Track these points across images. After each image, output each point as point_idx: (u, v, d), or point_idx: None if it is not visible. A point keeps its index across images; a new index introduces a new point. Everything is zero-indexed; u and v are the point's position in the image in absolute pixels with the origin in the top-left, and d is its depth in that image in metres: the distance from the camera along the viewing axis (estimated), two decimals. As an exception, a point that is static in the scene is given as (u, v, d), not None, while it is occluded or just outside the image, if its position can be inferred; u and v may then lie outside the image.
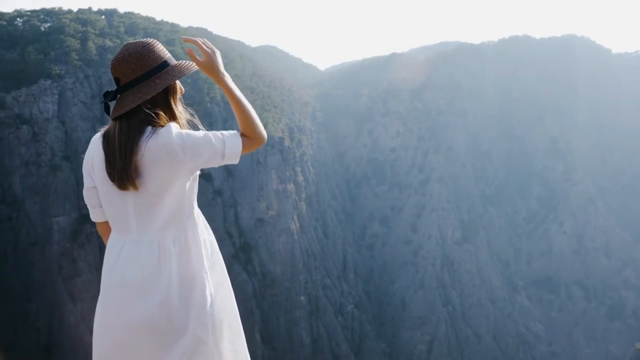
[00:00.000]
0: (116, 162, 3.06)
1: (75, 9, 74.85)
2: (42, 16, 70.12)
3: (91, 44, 64.66)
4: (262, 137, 3.31)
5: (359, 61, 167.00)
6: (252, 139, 3.28)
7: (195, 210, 3.30)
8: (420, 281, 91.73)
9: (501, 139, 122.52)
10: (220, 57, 3.32)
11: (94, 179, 3.29)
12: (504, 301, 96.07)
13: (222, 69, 3.31)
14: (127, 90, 3.13)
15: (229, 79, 3.30)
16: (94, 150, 3.25)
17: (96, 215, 3.49)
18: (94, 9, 79.15)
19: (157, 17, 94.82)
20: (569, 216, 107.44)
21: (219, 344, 3.24)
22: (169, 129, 3.08)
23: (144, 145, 3.04)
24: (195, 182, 3.28)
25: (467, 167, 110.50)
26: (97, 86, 60.28)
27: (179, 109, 3.32)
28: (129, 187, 3.06)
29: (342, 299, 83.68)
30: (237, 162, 3.27)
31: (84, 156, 3.40)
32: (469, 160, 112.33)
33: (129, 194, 3.09)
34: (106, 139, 3.17)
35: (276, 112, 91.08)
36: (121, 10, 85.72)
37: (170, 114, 3.25)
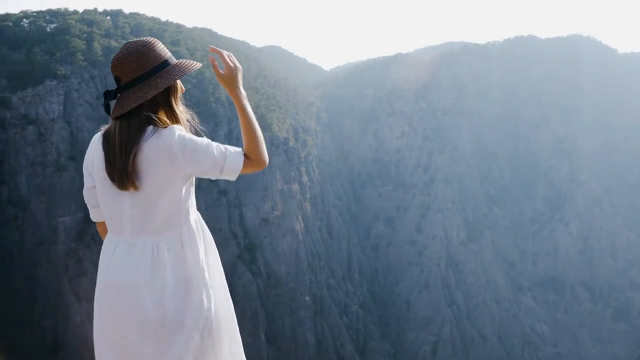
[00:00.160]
0: (116, 162, 3.05)
1: (80, 10, 75.17)
2: (48, 17, 70.45)
3: (97, 45, 64.90)
4: (264, 161, 3.31)
5: (364, 61, 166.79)
6: (254, 161, 3.27)
7: (191, 215, 3.27)
8: (425, 282, 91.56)
9: (506, 139, 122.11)
10: (241, 74, 3.34)
11: (94, 179, 3.29)
12: (509, 302, 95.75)
13: (241, 86, 3.32)
14: (127, 89, 3.11)
15: (244, 98, 3.32)
16: (94, 149, 3.26)
17: (96, 215, 3.50)
18: (100, 9, 79.50)
19: (162, 18, 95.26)
20: (574, 217, 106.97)
21: (216, 348, 3.23)
22: (172, 131, 3.06)
23: (145, 144, 3.03)
24: (192, 187, 3.26)
25: (472, 167, 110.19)
26: (102, 86, 60.45)
27: (180, 108, 3.32)
28: (129, 187, 3.04)
29: (346, 299, 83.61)
30: (234, 179, 3.26)
31: None
32: (474, 160, 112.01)
33: (125, 195, 3.08)
34: (106, 139, 3.16)
35: (281, 113, 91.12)
36: (126, 10, 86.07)
37: (171, 113, 3.25)
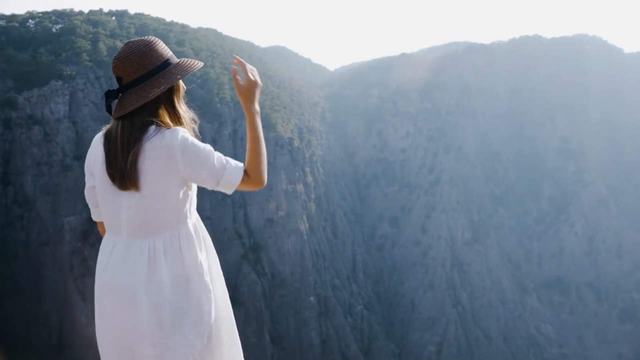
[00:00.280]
0: (117, 162, 3.03)
1: (86, 11, 75.38)
2: (53, 18, 70.69)
3: (102, 45, 65.09)
4: (263, 181, 3.27)
5: (368, 61, 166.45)
6: (253, 179, 3.23)
7: (190, 219, 3.24)
8: (429, 282, 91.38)
9: (511, 139, 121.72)
10: (259, 91, 3.33)
11: (95, 178, 3.28)
12: (515, 302, 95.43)
13: (257, 102, 3.31)
14: (130, 89, 3.08)
15: (258, 114, 3.30)
16: (96, 149, 3.23)
17: (96, 214, 3.52)
18: (105, 10, 79.61)
19: (167, 18, 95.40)
20: (580, 217, 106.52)
21: (216, 353, 3.22)
22: (176, 132, 3.04)
23: (147, 144, 3.01)
24: (190, 191, 3.21)
25: (477, 167, 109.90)
26: (108, 87, 60.53)
27: (182, 107, 3.30)
28: (130, 188, 3.03)
29: (351, 299, 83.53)
30: (230, 192, 3.23)
31: None
32: (479, 160, 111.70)
33: (124, 195, 3.06)
34: (108, 139, 3.13)
35: (285, 113, 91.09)
36: (131, 11, 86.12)
37: (173, 112, 3.23)
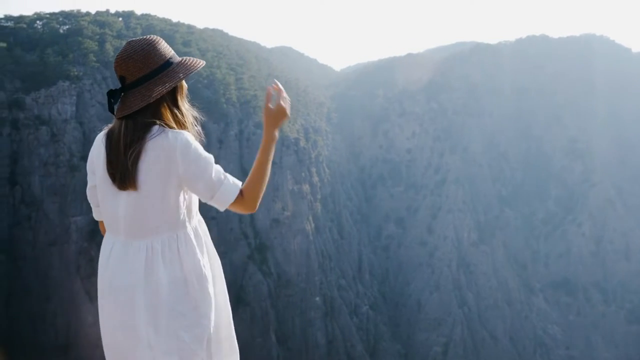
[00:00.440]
0: (119, 162, 3.01)
1: (93, 11, 75.74)
2: (60, 19, 71.08)
3: (109, 46, 65.36)
4: (254, 206, 3.25)
5: (375, 62, 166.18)
6: (247, 201, 3.20)
7: (190, 221, 3.21)
8: (436, 282, 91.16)
9: (518, 139, 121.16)
10: (285, 122, 3.49)
11: (96, 178, 3.26)
12: (521, 303, 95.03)
13: (278, 130, 3.43)
14: (133, 88, 3.08)
15: (274, 141, 3.37)
16: (97, 149, 3.21)
17: (97, 213, 3.50)
18: (112, 11, 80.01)
19: (174, 19, 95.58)
20: (587, 218, 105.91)
21: (213, 357, 3.21)
22: (180, 134, 3.02)
23: (149, 143, 2.99)
24: (191, 193, 3.19)
25: (483, 167, 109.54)
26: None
27: (185, 106, 3.29)
28: (129, 187, 3.01)
29: (357, 300, 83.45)
30: (222, 209, 3.19)
31: None
32: (485, 160, 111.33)
33: (122, 195, 3.04)
34: (109, 138, 3.12)
35: (291, 113, 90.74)
36: (138, 12, 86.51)
37: (177, 111, 3.20)
